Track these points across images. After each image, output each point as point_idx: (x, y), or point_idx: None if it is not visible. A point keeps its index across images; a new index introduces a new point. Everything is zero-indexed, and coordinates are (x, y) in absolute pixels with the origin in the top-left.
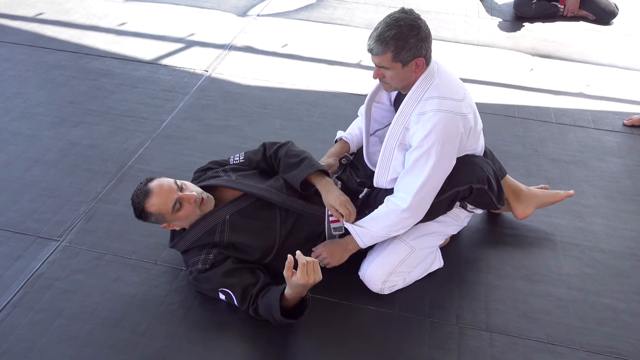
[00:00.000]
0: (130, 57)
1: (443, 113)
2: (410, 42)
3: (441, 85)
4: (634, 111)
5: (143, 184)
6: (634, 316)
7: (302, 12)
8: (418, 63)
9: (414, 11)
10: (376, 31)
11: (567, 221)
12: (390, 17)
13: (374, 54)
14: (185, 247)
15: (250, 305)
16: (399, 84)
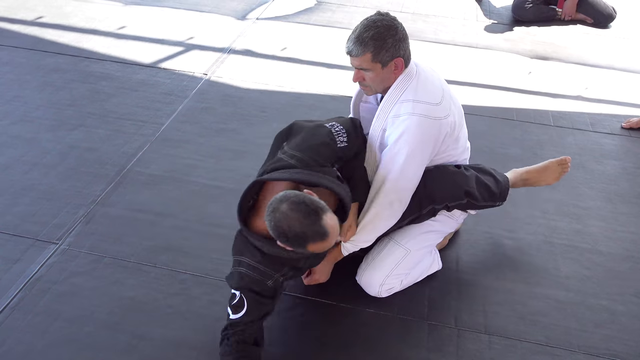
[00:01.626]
0: (129, 61)
1: (416, 117)
2: (389, 42)
3: (418, 88)
4: (632, 114)
5: (313, 219)
6: (632, 318)
7: (301, 16)
8: (397, 64)
9: (390, 14)
10: (354, 33)
11: (565, 223)
12: (367, 20)
13: (353, 55)
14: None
15: (233, 331)
16: (379, 85)
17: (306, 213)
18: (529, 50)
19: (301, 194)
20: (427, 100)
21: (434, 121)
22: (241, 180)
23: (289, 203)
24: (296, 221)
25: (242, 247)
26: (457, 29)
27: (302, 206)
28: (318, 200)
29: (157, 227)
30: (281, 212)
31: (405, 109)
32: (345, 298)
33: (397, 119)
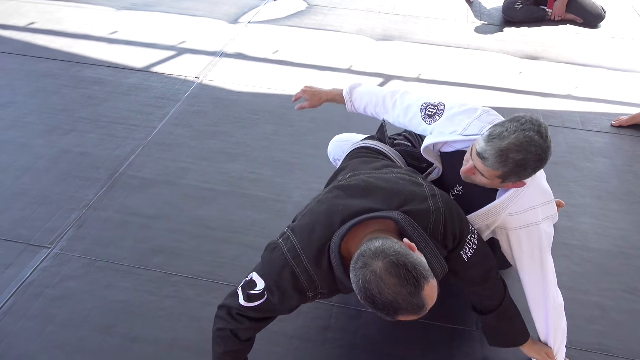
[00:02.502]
0: (121, 65)
1: (542, 224)
2: (527, 172)
3: (534, 191)
4: (621, 112)
5: (412, 290)
6: (622, 314)
7: (293, 19)
8: (517, 184)
9: (548, 131)
10: (501, 141)
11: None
12: (524, 135)
13: (486, 165)
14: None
15: (232, 318)
16: (482, 185)
17: (405, 281)
18: (520, 51)
19: (403, 252)
20: (545, 200)
21: (555, 216)
22: (234, 183)
23: (387, 263)
24: (391, 289)
25: (315, 248)
26: (448, 31)
27: (402, 271)
28: (421, 262)
29: (150, 230)
30: (373, 272)
31: (528, 219)
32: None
33: (523, 230)
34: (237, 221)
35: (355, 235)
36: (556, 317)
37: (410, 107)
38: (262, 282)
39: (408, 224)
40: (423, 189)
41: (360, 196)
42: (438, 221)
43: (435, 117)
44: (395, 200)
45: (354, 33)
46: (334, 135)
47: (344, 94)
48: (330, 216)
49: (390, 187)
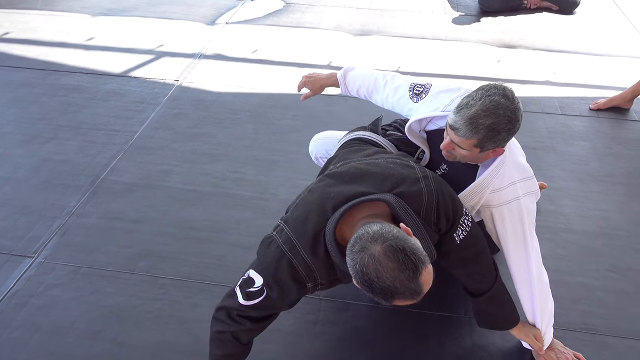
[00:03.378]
0: (99, 71)
1: (522, 198)
2: (501, 136)
3: (513, 166)
4: (599, 95)
5: (410, 274)
6: (607, 293)
7: (271, 18)
8: (496, 152)
9: (515, 94)
10: (468, 109)
11: (539, 205)
12: (490, 100)
13: (459, 135)
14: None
15: (231, 319)
16: (466, 160)
17: (404, 265)
18: (497, 40)
19: (401, 236)
20: (525, 176)
21: (536, 192)
22: (217, 184)
23: (386, 247)
24: (389, 273)
25: (310, 236)
26: (425, 23)
27: (401, 255)
28: (419, 247)
29: (134, 234)
30: (372, 256)
31: (509, 194)
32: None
33: (505, 206)
34: (222, 221)
35: (348, 221)
36: (542, 297)
37: (399, 87)
38: (260, 278)
39: (400, 206)
40: (414, 171)
41: (352, 182)
42: (430, 203)
43: (422, 95)
44: (386, 183)
45: (332, 29)
46: (316, 131)
47: (337, 77)
48: (323, 203)
49: (381, 171)
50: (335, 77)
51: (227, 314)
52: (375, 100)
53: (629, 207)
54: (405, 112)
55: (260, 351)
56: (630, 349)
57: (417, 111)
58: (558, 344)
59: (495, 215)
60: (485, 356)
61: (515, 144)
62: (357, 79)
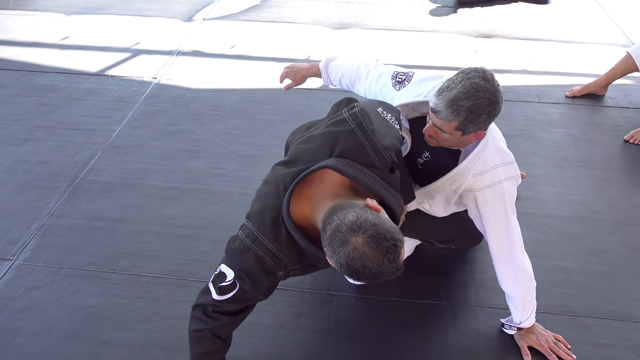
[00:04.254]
0: (75, 71)
1: (504, 182)
2: (482, 118)
3: (494, 150)
4: (574, 83)
5: (392, 257)
6: (585, 275)
7: (249, 13)
8: (478, 135)
9: (494, 76)
10: (449, 92)
11: (518, 192)
12: (470, 82)
13: (440, 117)
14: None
15: (206, 317)
16: (449, 145)
17: (387, 251)
18: (474, 30)
19: (377, 221)
20: (506, 160)
21: (517, 177)
22: (198, 180)
23: (367, 238)
24: (374, 261)
25: (269, 224)
26: (403, 15)
27: (383, 242)
28: (392, 226)
29: (115, 233)
30: (355, 249)
31: (491, 178)
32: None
33: (488, 189)
34: (204, 217)
35: (304, 200)
36: (524, 282)
37: (381, 76)
38: (231, 271)
39: (346, 166)
40: (347, 123)
41: (295, 162)
42: (377, 149)
43: (404, 83)
44: (325, 150)
45: (310, 23)
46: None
47: (320, 67)
48: (276, 190)
49: (317, 140)
50: (317, 68)
51: (203, 311)
52: (357, 90)
53: (605, 191)
54: (388, 101)
55: (244, 344)
56: (609, 329)
57: (399, 99)
58: (538, 327)
59: (478, 199)
60: (468, 341)
61: (496, 130)
62: (339, 69)
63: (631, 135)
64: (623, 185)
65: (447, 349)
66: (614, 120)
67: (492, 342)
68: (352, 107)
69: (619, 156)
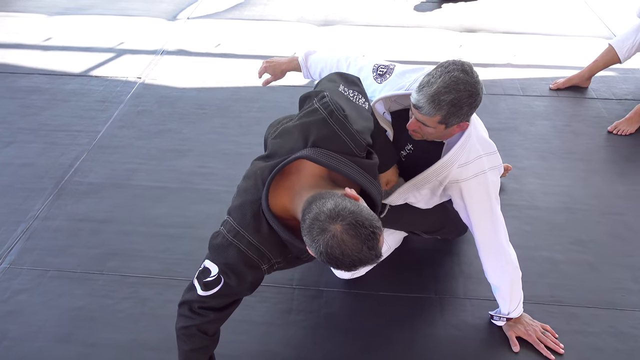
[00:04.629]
0: (58, 72)
1: (488, 172)
2: (464, 110)
3: (477, 140)
4: (558, 75)
5: (371, 244)
6: (571, 265)
7: (233, 12)
8: (462, 126)
9: (473, 68)
10: (429, 87)
11: (504, 184)
12: (449, 76)
13: (423, 113)
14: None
15: (191, 313)
16: (433, 138)
17: (365, 238)
18: (458, 25)
19: (355, 209)
20: (489, 150)
21: (500, 167)
22: (185, 179)
23: (346, 226)
24: (353, 249)
25: (250, 218)
26: (387, 11)
27: (361, 230)
28: (370, 213)
29: (102, 234)
30: (334, 237)
31: (476, 168)
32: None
33: (473, 179)
34: (191, 216)
35: (283, 191)
36: (510, 272)
37: (362, 69)
38: (215, 267)
39: (322, 155)
40: (319, 113)
41: (273, 156)
42: (351, 134)
43: (386, 76)
44: (300, 141)
45: (295, 21)
46: None
47: (299, 61)
48: (255, 184)
49: (292, 132)
50: (297, 61)
51: (189, 308)
52: None
53: (590, 181)
54: (370, 94)
55: (234, 342)
56: (595, 317)
57: (381, 92)
58: (526, 317)
59: (464, 190)
60: (457, 333)
61: (478, 121)
62: (319, 62)
63: (614, 127)
64: (607, 176)
65: (437, 341)
66: (597, 111)
67: (481, 334)
68: (323, 96)
69: (603, 147)
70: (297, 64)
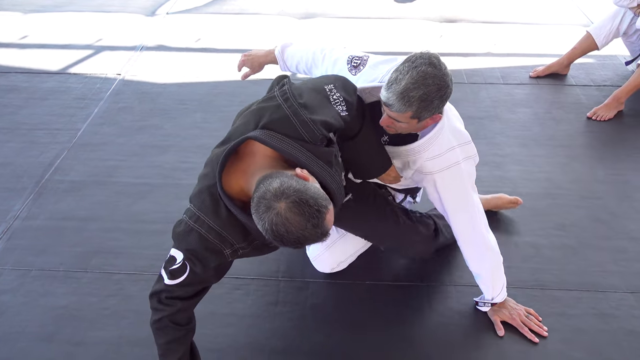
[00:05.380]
0: (36, 70)
1: (462, 163)
2: (434, 104)
3: (451, 131)
4: (538, 63)
5: (316, 221)
6: (553, 249)
7: (213, 6)
8: (434, 118)
9: (440, 60)
10: (398, 84)
11: (487, 172)
12: (417, 71)
13: (394, 110)
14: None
15: (160, 306)
16: (407, 132)
17: (309, 215)
18: (439, 16)
19: (301, 187)
20: (463, 141)
21: (475, 157)
22: (168, 175)
23: (290, 204)
24: (297, 226)
25: (209, 202)
26: (368, 3)
27: (305, 208)
28: (318, 192)
29: (85, 232)
30: (279, 215)
31: (449, 159)
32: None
33: (446, 171)
34: (175, 212)
35: (237, 174)
36: (490, 259)
37: (337, 60)
38: (180, 254)
39: (269, 136)
40: (275, 99)
41: (228, 141)
42: (304, 122)
43: (360, 67)
44: (251, 124)
45: (275, 14)
46: None
47: (276, 54)
48: (212, 170)
49: (247, 117)
50: (274, 55)
51: (158, 300)
52: (314, 75)
53: (570, 167)
54: None
55: (221, 335)
56: (577, 299)
57: (355, 83)
58: (510, 302)
59: (437, 182)
60: (443, 320)
61: (452, 111)
62: (295, 55)
63: (593, 112)
64: (587, 161)
65: (424, 329)
66: (576, 98)
67: (467, 319)
68: (282, 84)
69: (582, 133)
70: (274, 57)
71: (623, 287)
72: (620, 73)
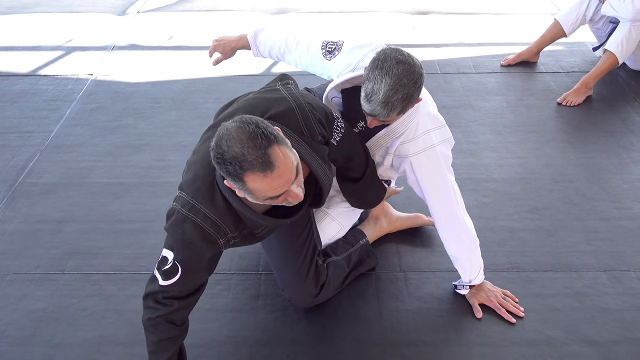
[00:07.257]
0: (4, 73)
1: (438, 146)
2: (415, 96)
3: (426, 115)
4: (508, 52)
5: (259, 143)
6: (528, 232)
7: (184, 4)
8: (417, 102)
9: (405, 53)
10: (377, 95)
11: (461, 160)
12: (390, 76)
13: (381, 118)
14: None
15: (155, 303)
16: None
17: (253, 134)
18: (411, 8)
19: (260, 120)
20: (437, 124)
21: (450, 140)
22: (144, 174)
23: (239, 121)
24: (238, 140)
25: (204, 190)
26: None
27: (252, 127)
28: (278, 132)
29: (61, 234)
30: (226, 128)
31: (424, 142)
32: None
33: (422, 154)
34: (152, 210)
35: None
36: (467, 241)
37: (311, 46)
38: (171, 253)
39: (295, 140)
40: (280, 92)
41: (218, 125)
42: (307, 117)
43: (335, 52)
44: (256, 114)
45: (248, 10)
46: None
47: (248, 39)
48: (206, 157)
49: (248, 105)
50: (246, 39)
51: (154, 299)
52: (288, 61)
53: (542, 152)
54: (319, 71)
55: (204, 330)
56: (552, 280)
57: (330, 69)
58: (487, 284)
59: (414, 164)
60: (423, 305)
61: (426, 95)
62: (268, 40)
63: (563, 98)
64: (558, 145)
65: (403, 315)
66: (546, 84)
67: (445, 304)
68: (287, 82)
69: (553, 118)
70: (246, 42)
71: (596, 266)
72: (587, 59)
